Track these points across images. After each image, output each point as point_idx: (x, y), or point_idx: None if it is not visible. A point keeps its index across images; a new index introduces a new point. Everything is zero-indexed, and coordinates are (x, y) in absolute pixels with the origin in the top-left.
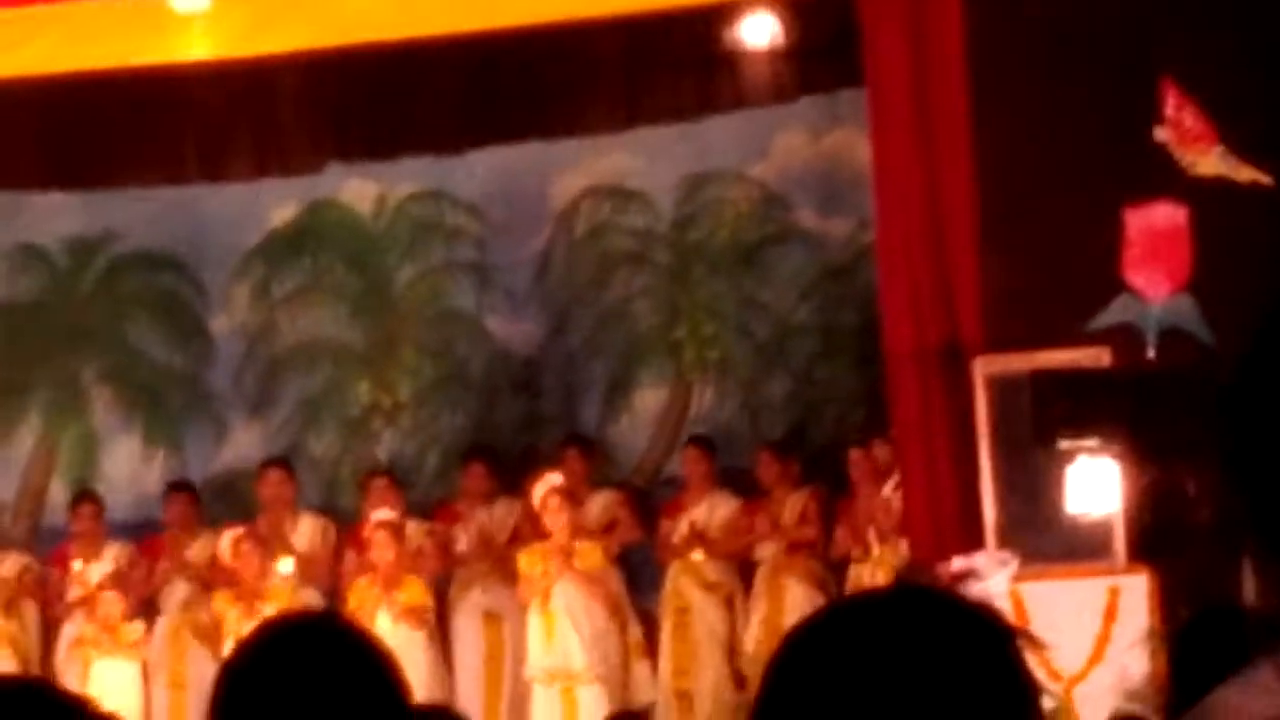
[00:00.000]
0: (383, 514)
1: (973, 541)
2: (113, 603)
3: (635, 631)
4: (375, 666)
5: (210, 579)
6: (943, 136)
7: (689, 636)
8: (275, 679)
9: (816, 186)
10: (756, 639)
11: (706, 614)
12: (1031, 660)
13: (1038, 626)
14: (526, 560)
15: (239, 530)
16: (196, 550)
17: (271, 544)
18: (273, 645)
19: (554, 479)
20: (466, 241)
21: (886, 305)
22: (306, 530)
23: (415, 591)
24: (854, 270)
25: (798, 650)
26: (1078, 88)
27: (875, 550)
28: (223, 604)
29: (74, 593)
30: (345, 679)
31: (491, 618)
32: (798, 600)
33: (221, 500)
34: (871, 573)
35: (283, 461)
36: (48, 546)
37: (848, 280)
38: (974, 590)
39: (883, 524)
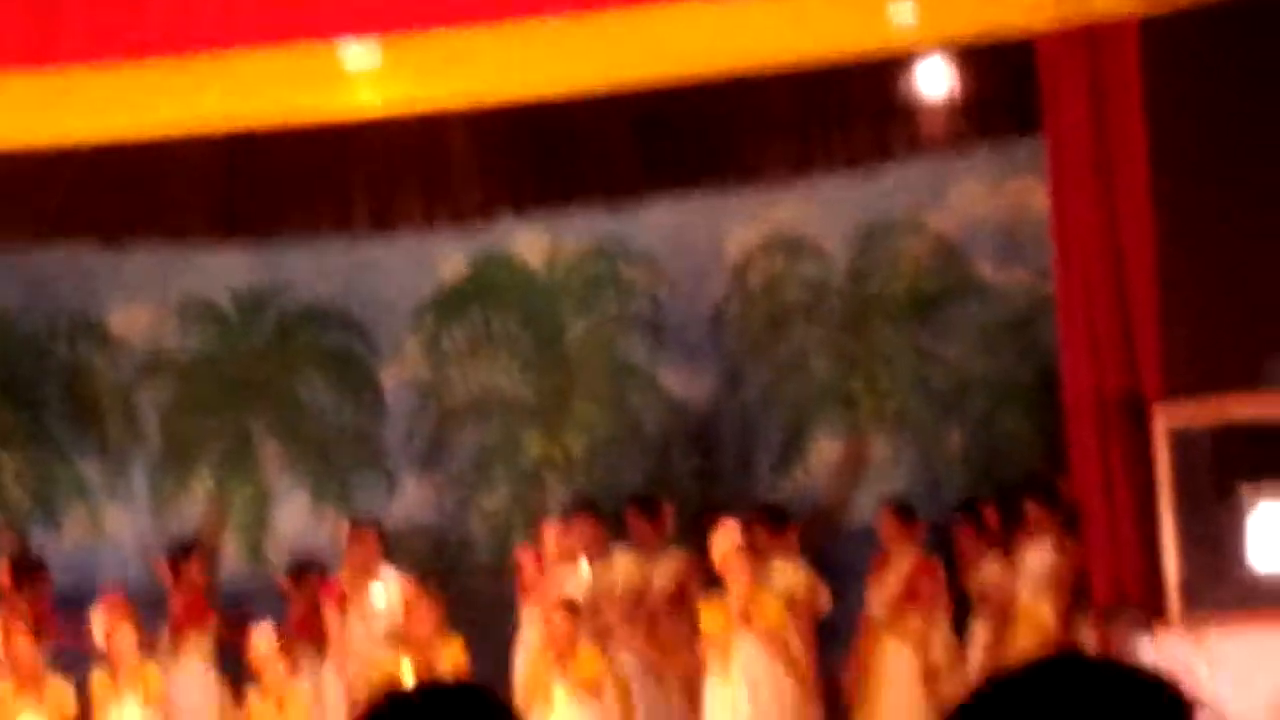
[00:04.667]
0: (564, 593)
1: (1154, 594)
2: None
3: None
4: None
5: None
6: (1122, 184)
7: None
8: None
9: (995, 237)
10: None
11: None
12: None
13: (1220, 680)
14: (708, 616)
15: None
16: None
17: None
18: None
19: (735, 536)
20: (640, 295)
21: (1066, 356)
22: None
23: (591, 663)
24: (1032, 322)
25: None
26: (1259, 131)
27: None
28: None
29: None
30: None
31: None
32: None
33: (390, 556)
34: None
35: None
36: (225, 602)
37: (1026, 332)
38: None
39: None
